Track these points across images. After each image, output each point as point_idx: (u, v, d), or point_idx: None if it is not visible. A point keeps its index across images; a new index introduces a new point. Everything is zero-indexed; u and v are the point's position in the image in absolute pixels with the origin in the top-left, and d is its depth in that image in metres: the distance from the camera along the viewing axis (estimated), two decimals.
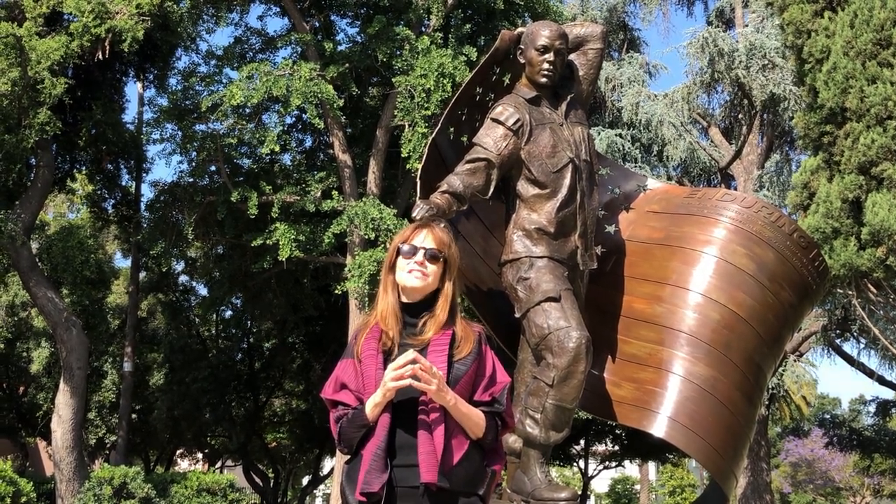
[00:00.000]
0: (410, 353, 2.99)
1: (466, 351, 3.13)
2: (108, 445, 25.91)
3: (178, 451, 33.39)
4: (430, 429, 3.00)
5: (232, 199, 16.32)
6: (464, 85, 5.42)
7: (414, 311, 3.19)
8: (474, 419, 3.10)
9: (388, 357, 3.11)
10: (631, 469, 43.59)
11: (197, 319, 26.43)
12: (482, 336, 3.20)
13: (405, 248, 3.20)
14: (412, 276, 3.16)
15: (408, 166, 15.90)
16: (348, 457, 3.16)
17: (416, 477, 2.99)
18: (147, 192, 23.28)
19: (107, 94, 18.13)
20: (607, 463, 32.98)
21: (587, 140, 5.32)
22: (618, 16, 25.31)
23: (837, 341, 22.92)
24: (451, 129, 5.45)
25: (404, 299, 3.21)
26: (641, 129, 22.48)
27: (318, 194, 16.75)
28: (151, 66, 19.17)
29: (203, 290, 24.93)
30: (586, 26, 5.58)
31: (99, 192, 20.05)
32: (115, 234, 24.17)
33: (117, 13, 15.43)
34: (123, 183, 20.41)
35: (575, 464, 33.35)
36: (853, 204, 10.90)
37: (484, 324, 5.33)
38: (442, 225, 4.56)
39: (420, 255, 3.18)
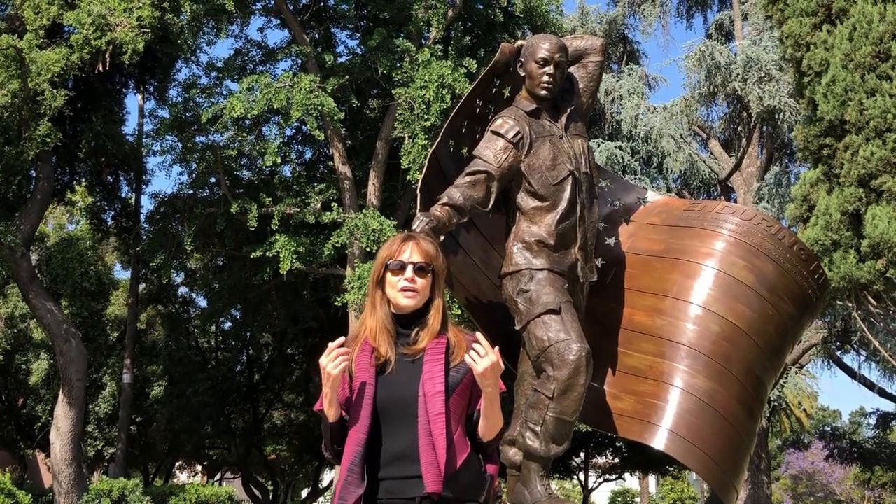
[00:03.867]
0: (340, 339, 3.05)
1: (460, 358, 3.12)
2: (107, 457, 25.85)
3: (177, 464, 33.32)
4: (431, 436, 2.98)
5: (232, 210, 16.33)
6: (464, 97, 5.43)
7: (406, 321, 3.19)
8: (499, 418, 3.12)
9: (382, 371, 3.11)
10: (631, 482, 43.53)
11: (196, 331, 26.40)
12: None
13: (393, 263, 3.18)
14: (404, 295, 3.16)
15: (408, 178, 15.92)
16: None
17: (412, 488, 2.98)
18: (147, 204, 23.35)
19: (107, 106, 18.18)
20: (607, 475, 32.89)
21: (587, 152, 5.33)
22: (617, 28, 25.39)
23: (838, 353, 22.90)
24: (452, 142, 5.46)
25: (396, 310, 3.21)
26: (641, 141, 22.52)
27: (318, 206, 16.76)
28: (152, 78, 19.23)
29: (203, 302, 24.93)
30: (586, 39, 5.60)
31: (99, 204, 20.07)
32: (114, 245, 24.18)
33: (118, 25, 15.46)
34: (123, 194, 20.44)
35: (575, 476, 33.26)
36: (853, 216, 10.91)
37: (485, 335, 5.32)
38: (424, 231, 4.60)
39: (409, 271, 3.16)
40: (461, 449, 3.07)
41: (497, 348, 3.03)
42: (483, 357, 2.98)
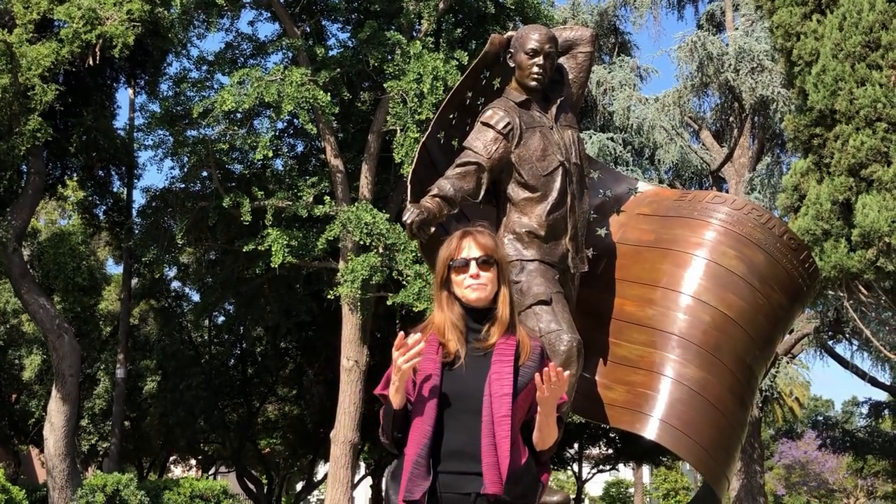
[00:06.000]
0: (417, 334, 3.04)
1: (526, 360, 3.14)
2: (101, 452, 25.83)
3: (172, 458, 33.30)
4: (494, 437, 2.99)
5: (224, 204, 16.31)
6: (454, 89, 5.43)
7: (478, 315, 3.19)
8: (554, 431, 3.12)
9: (451, 366, 3.11)
10: (625, 472, 43.60)
11: (189, 325, 26.37)
12: (543, 350, 3.22)
13: (456, 262, 3.19)
14: (471, 290, 3.16)
15: (401, 172, 15.91)
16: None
17: (467, 484, 3.00)
18: (138, 199, 23.28)
19: (98, 101, 18.11)
20: (601, 466, 32.98)
21: (577, 143, 5.33)
22: (608, 19, 25.35)
23: (830, 343, 22.97)
24: (442, 133, 5.46)
25: (467, 304, 3.21)
26: (633, 132, 22.51)
27: (311, 199, 16.75)
28: (142, 72, 19.17)
29: (195, 296, 24.89)
30: (576, 30, 5.60)
31: (90, 199, 20.01)
32: (106, 240, 24.12)
33: (108, 19, 15.42)
34: (115, 189, 20.38)
35: (569, 467, 33.35)
36: (843, 206, 10.93)
37: None
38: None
39: (473, 267, 3.17)
40: (522, 453, 3.09)
41: (567, 373, 3.04)
42: (554, 385, 2.98)
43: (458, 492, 3.01)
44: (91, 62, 15.66)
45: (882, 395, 27.86)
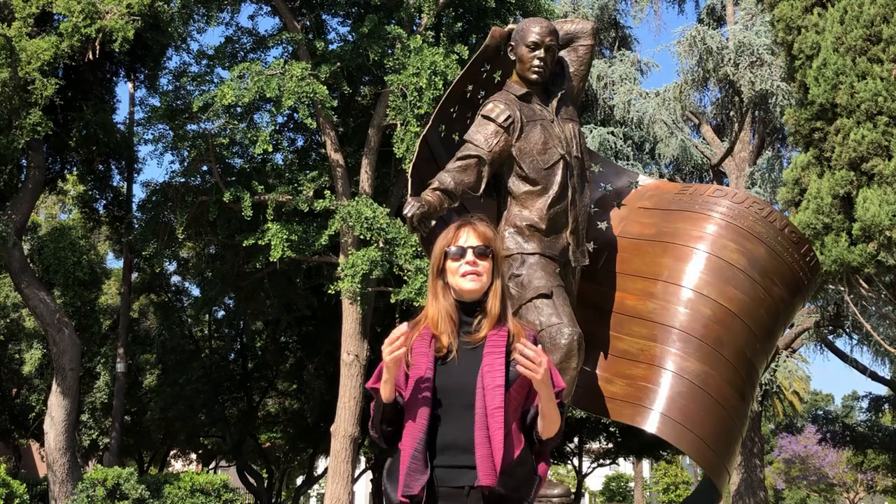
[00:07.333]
0: (403, 326, 3.03)
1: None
2: (102, 447, 25.86)
3: (172, 452, 33.36)
4: (488, 430, 2.98)
5: (224, 199, 16.30)
6: (454, 82, 5.42)
7: (469, 308, 3.18)
8: (557, 417, 3.09)
9: (444, 359, 3.10)
10: (625, 466, 43.67)
11: (189, 320, 26.39)
12: (535, 340, 3.19)
13: (452, 250, 3.17)
14: (467, 279, 3.15)
15: (401, 166, 15.90)
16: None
17: (461, 477, 3.00)
18: (139, 193, 23.33)
19: (98, 95, 18.08)
20: (601, 461, 33.03)
21: (578, 136, 5.32)
22: (609, 13, 25.30)
23: (830, 337, 22.96)
24: (442, 127, 5.45)
25: (458, 297, 3.20)
26: (634, 126, 22.49)
27: (311, 194, 16.74)
28: (142, 66, 19.14)
29: (195, 291, 24.92)
30: (577, 23, 5.59)
31: (90, 193, 20.00)
32: (106, 234, 24.13)
33: (107, 13, 15.39)
34: (115, 183, 20.36)
35: (569, 461, 33.39)
36: (844, 200, 10.92)
37: None
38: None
39: (470, 255, 3.15)
40: (516, 444, 3.07)
41: (540, 347, 3.01)
42: (537, 364, 2.95)
43: (452, 485, 3.00)
44: (91, 56, 15.64)
45: (882, 390, 27.85)
